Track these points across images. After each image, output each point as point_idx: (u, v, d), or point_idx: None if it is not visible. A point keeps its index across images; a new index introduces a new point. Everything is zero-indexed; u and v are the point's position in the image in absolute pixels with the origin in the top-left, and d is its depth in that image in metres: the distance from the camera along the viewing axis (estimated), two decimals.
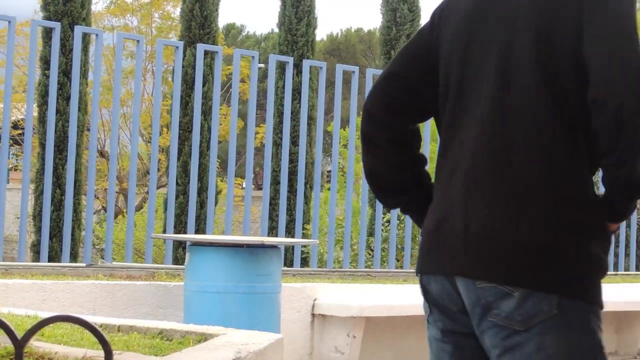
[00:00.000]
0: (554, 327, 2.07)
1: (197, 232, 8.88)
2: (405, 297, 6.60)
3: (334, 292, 6.66)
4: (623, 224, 9.87)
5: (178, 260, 9.29)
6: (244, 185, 9.04)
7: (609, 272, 9.99)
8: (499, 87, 2.19)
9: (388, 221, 9.34)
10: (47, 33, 9.27)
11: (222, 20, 46.56)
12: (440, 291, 2.23)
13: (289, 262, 9.12)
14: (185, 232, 8.59)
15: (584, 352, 2.10)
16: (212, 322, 4.38)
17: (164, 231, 7.97)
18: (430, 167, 2.39)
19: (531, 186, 2.11)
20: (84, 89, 9.04)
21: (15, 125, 16.07)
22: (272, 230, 9.63)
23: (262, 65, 15.35)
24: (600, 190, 2.17)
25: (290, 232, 9.62)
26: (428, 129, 8.34)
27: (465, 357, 2.27)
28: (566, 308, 2.07)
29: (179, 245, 9.45)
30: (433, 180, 2.35)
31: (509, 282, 2.09)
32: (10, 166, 15.04)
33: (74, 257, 8.66)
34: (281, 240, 6.41)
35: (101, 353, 1.83)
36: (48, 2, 9.59)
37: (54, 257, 8.69)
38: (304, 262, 9.42)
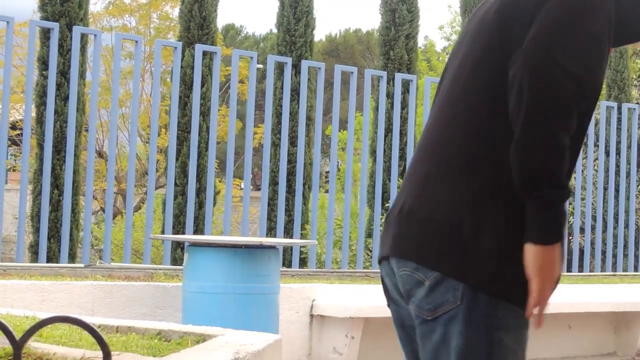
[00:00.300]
0: (456, 319, 2.07)
1: (195, 232, 8.86)
2: None
3: (332, 292, 6.66)
4: (621, 225, 9.82)
5: (177, 260, 9.28)
6: (242, 186, 9.06)
7: (607, 272, 9.82)
8: (454, 82, 2.22)
9: None
10: (45, 33, 9.25)
11: (221, 21, 46.63)
12: (389, 281, 2.25)
13: (287, 263, 9.11)
14: (183, 233, 8.58)
15: (474, 348, 2.06)
16: (210, 322, 4.38)
17: (163, 232, 7.96)
18: None
19: (451, 175, 2.12)
20: (82, 90, 9.02)
21: (13, 126, 16.07)
22: (271, 231, 9.62)
23: (260, 65, 15.32)
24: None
25: (288, 233, 9.62)
26: None
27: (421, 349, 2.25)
28: (469, 300, 2.06)
29: (178, 246, 9.44)
30: None
31: (418, 261, 2.10)
32: (8, 167, 15.03)
33: (72, 257, 8.66)
34: (279, 240, 6.40)
35: (99, 354, 1.82)
36: (45, 3, 9.56)
37: (52, 257, 8.67)
38: (303, 262, 9.41)
